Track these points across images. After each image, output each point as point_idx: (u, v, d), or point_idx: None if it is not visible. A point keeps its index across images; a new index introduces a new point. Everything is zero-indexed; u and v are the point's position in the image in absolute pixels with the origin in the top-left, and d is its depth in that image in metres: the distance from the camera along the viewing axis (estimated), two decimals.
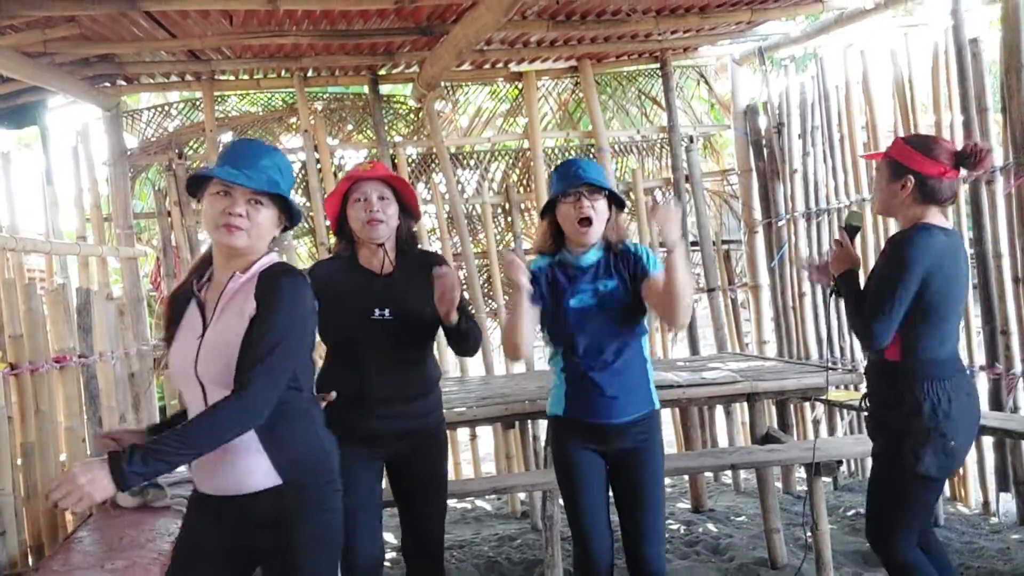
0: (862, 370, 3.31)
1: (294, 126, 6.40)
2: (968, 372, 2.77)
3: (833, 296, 2.92)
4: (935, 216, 2.72)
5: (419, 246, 3.04)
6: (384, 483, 3.00)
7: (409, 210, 2.90)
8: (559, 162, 2.91)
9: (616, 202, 2.85)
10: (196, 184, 2.12)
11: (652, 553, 2.77)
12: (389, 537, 5.04)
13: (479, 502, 5.87)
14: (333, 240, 3.01)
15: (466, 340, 2.86)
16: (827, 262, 2.94)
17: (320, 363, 2.92)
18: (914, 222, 2.72)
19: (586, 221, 2.73)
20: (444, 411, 3.07)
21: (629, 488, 2.81)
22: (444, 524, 2.99)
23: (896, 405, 2.72)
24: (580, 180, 2.74)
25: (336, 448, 2.26)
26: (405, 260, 2.89)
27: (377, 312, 2.76)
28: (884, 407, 2.79)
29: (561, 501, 4.11)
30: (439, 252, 5.89)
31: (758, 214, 6.24)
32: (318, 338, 2.50)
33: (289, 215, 2.17)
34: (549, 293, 2.81)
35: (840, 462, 4.10)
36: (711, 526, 4.94)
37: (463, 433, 6.10)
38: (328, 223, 3.31)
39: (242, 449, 2.05)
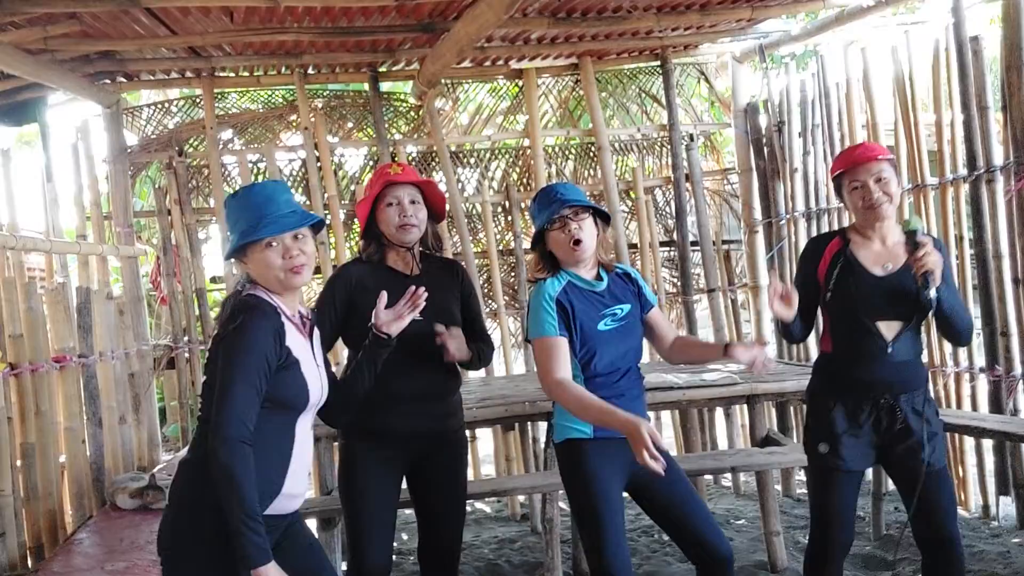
0: None
1: (294, 123, 6.38)
2: None
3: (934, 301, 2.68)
4: None
5: (443, 244, 3.10)
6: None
7: (435, 212, 2.97)
8: (539, 191, 2.90)
9: (601, 217, 2.86)
10: (239, 250, 2.24)
11: (718, 536, 2.75)
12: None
13: (479, 504, 5.86)
14: (359, 243, 3.04)
15: (476, 363, 2.99)
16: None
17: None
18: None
19: (578, 242, 2.74)
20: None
21: (667, 489, 2.75)
22: (462, 532, 3.01)
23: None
24: (563, 203, 2.75)
25: None
26: (430, 262, 2.96)
27: None
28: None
29: (562, 504, 4.13)
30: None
31: (758, 213, 6.22)
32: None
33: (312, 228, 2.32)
34: (571, 317, 2.76)
35: None
36: None
37: None
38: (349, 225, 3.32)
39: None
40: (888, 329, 2.76)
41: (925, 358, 4.93)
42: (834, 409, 2.82)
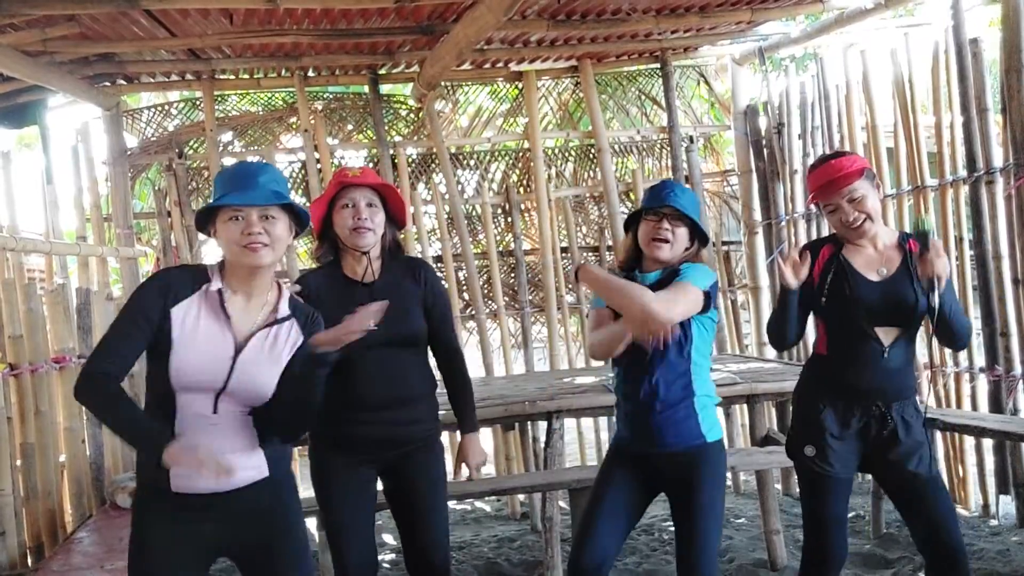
0: None
1: (294, 126, 6.39)
2: None
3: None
4: None
5: (404, 253, 2.95)
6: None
7: (396, 219, 2.85)
8: (652, 185, 2.83)
9: (700, 237, 2.76)
10: (205, 218, 2.18)
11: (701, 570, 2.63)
12: (389, 539, 5.05)
13: (479, 503, 5.87)
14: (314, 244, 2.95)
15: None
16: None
17: None
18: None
19: (662, 241, 2.67)
20: (442, 413, 3.03)
21: (679, 521, 2.70)
22: (447, 540, 2.89)
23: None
24: (666, 203, 2.67)
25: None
26: (389, 268, 2.83)
27: None
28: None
29: (562, 503, 4.14)
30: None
31: (758, 215, 6.23)
32: None
33: (297, 220, 2.24)
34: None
35: None
36: None
37: None
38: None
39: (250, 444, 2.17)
40: (885, 335, 2.70)
41: (925, 359, 4.95)
42: (823, 412, 2.75)
